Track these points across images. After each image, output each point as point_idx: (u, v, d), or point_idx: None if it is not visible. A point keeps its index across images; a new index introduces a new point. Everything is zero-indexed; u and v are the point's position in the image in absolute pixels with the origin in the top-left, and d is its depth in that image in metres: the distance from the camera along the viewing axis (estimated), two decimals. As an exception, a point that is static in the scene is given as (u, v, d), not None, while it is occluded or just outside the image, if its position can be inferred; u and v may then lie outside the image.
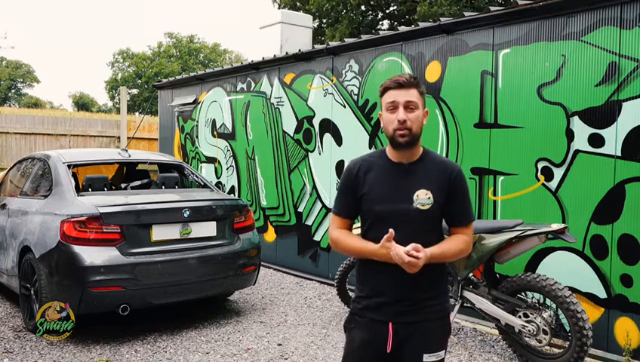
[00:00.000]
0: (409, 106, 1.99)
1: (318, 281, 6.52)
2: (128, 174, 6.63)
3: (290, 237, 7.11)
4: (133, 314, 4.49)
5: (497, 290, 4.13)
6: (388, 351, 2.03)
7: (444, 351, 2.09)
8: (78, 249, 4.26)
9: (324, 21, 19.89)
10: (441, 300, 2.10)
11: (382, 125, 2.08)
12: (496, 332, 4.43)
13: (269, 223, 7.43)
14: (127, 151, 5.85)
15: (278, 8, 19.72)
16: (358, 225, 2.21)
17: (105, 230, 4.35)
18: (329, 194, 6.49)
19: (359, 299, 2.13)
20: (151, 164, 6.22)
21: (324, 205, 6.56)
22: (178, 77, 9.80)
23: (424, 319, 2.05)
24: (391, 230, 1.93)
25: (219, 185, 8.33)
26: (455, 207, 2.08)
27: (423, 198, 2.00)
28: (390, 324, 2.03)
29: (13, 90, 55.65)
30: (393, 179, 2.05)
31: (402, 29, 5.72)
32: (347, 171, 2.14)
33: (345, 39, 6.42)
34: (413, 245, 1.93)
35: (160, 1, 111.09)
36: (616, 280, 4.07)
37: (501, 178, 4.77)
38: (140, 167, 6.64)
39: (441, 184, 2.03)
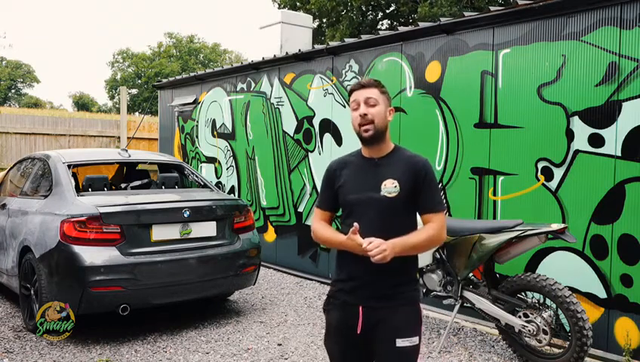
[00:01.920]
0: (369, 102, 2.21)
1: (318, 281, 6.52)
2: (128, 174, 6.62)
3: (290, 237, 7.11)
4: (133, 314, 4.49)
5: (497, 290, 4.13)
6: (358, 333, 2.17)
7: (418, 337, 2.19)
8: (78, 249, 4.26)
9: (325, 21, 19.87)
10: (410, 287, 2.23)
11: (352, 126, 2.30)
12: (496, 332, 4.43)
13: (269, 223, 7.43)
14: (127, 151, 5.85)
15: (278, 8, 19.71)
16: None
17: (105, 230, 4.35)
18: (329, 194, 6.48)
19: (335, 282, 2.30)
20: (151, 164, 6.23)
21: (324, 205, 6.54)
22: (178, 77, 9.79)
23: (393, 305, 2.17)
24: (355, 224, 2.07)
25: (219, 185, 8.33)
26: (422, 194, 2.21)
27: (389, 187, 2.17)
28: (360, 308, 2.17)
29: (13, 90, 55.59)
30: (364, 171, 2.26)
31: (402, 29, 5.71)
32: (327, 169, 2.37)
33: (345, 39, 6.42)
34: (368, 239, 2.04)
35: (160, 1, 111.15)
36: (616, 280, 4.07)
37: (501, 178, 4.77)
38: (139, 167, 6.64)
39: (407, 175, 2.19)
